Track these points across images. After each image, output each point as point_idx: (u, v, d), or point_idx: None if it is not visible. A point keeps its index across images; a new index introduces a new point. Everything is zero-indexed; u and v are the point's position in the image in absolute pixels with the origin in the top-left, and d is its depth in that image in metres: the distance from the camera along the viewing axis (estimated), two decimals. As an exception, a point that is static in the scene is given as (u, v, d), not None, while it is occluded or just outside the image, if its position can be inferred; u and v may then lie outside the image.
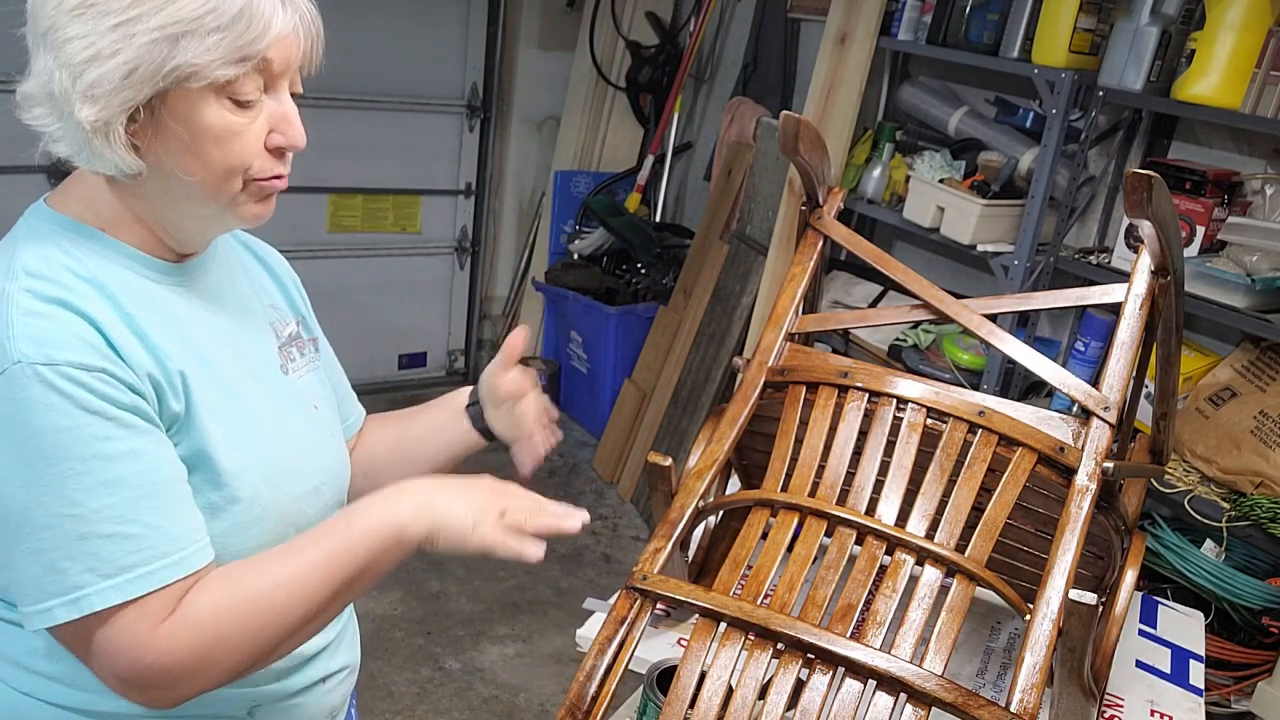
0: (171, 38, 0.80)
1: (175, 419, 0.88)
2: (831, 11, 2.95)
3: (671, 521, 1.08)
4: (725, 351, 3.34)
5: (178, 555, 0.84)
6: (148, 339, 0.87)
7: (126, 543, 0.82)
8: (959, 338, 2.67)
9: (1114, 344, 1.11)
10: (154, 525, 0.83)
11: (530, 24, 4.12)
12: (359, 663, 1.17)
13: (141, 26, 0.79)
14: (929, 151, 2.83)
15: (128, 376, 0.84)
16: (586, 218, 4.15)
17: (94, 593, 0.81)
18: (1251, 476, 2.09)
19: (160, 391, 0.86)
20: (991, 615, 1.47)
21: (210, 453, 0.89)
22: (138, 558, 0.82)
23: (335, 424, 1.11)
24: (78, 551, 0.80)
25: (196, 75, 0.81)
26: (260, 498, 0.93)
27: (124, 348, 0.84)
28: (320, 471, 1.03)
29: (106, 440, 0.81)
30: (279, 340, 1.06)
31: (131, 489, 0.82)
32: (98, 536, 0.81)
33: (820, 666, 0.93)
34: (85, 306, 0.83)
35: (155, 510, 0.84)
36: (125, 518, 0.82)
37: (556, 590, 3.12)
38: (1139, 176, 0.95)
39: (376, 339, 4.24)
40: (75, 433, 0.80)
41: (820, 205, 1.30)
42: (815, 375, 1.17)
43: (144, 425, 0.84)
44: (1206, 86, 2.16)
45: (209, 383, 0.92)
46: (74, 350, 0.81)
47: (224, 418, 0.92)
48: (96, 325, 0.83)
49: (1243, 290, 2.10)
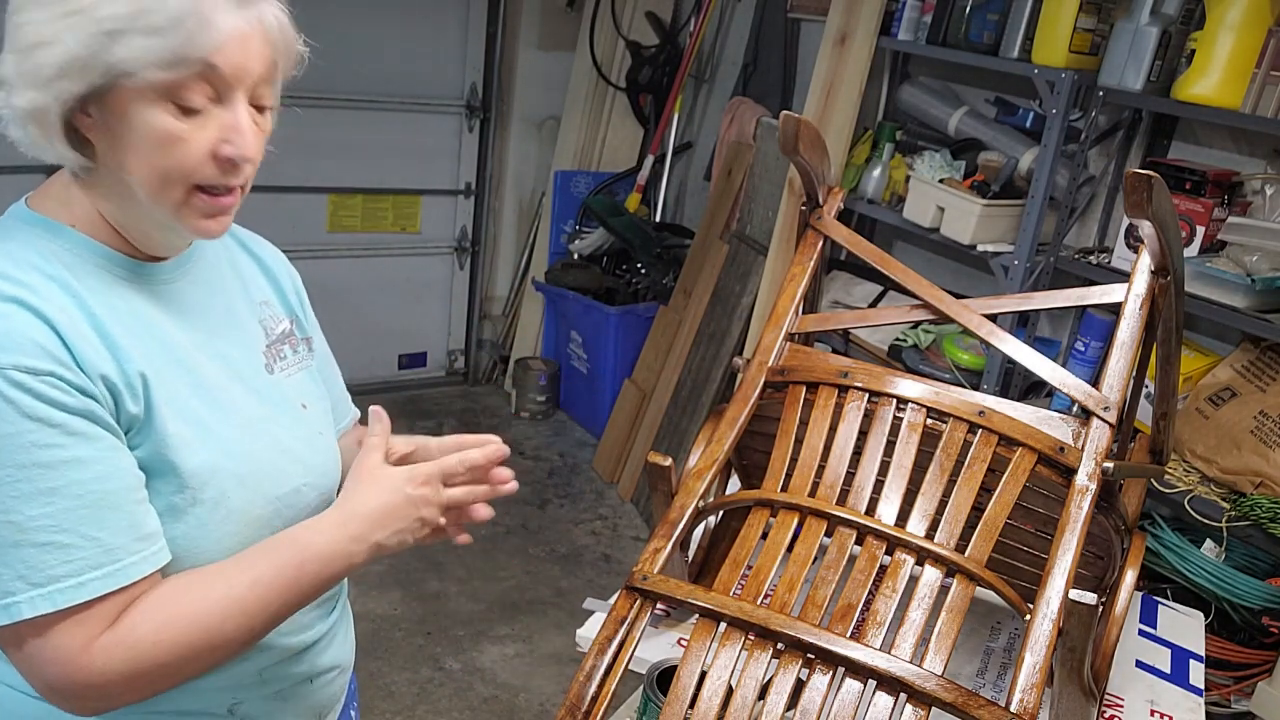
0: (109, 33, 0.80)
1: (134, 421, 0.87)
2: (831, 11, 2.95)
3: (671, 521, 1.08)
4: (725, 351, 3.34)
5: (113, 566, 0.83)
6: (109, 338, 0.86)
7: (59, 552, 0.81)
8: (959, 338, 2.67)
9: (1114, 344, 1.11)
10: (89, 536, 0.82)
11: (530, 24, 4.12)
12: (352, 662, 1.16)
13: (85, 19, 0.80)
14: (929, 151, 2.83)
15: (79, 380, 0.82)
16: (586, 218, 4.15)
17: (24, 600, 0.80)
18: (1251, 476, 2.09)
19: (116, 394, 0.85)
20: (991, 615, 1.47)
21: (171, 456, 0.88)
22: (69, 568, 0.81)
23: (325, 423, 1.10)
24: (10, 558, 0.80)
25: (132, 75, 0.81)
26: (228, 499, 0.92)
27: (80, 349, 0.83)
28: (304, 472, 1.02)
29: (48, 448, 0.80)
30: (268, 338, 1.05)
31: (69, 498, 0.81)
32: (31, 545, 0.80)
33: (820, 666, 0.93)
34: (42, 306, 0.82)
35: (92, 521, 0.82)
36: (60, 527, 0.81)
37: (556, 590, 3.12)
38: (1139, 176, 0.95)
39: (376, 339, 4.24)
40: (16, 439, 0.79)
41: (820, 205, 1.30)
42: (815, 375, 1.17)
43: (92, 431, 0.83)
44: (1206, 86, 2.16)
45: (179, 382, 0.91)
46: (23, 353, 0.80)
47: (193, 418, 0.91)
48: (52, 325, 0.82)
49: (1243, 290, 2.10)
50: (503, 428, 4.13)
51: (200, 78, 0.83)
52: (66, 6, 0.81)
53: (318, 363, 1.14)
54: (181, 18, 0.81)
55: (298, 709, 1.05)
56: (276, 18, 0.88)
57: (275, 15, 0.88)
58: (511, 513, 3.50)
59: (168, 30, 0.80)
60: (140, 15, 0.80)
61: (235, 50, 0.84)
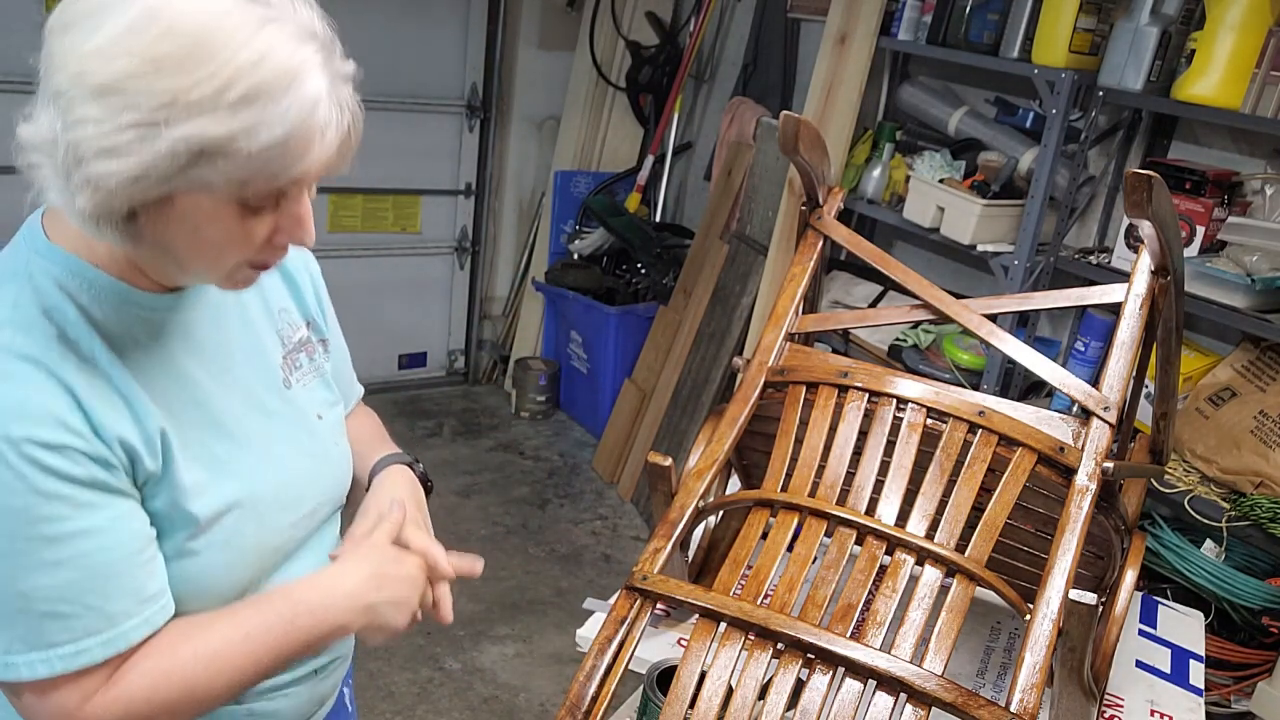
0: (194, 152, 0.73)
1: (151, 477, 0.86)
2: (831, 11, 2.95)
3: (671, 521, 1.08)
4: (725, 351, 3.34)
5: (112, 633, 0.83)
6: (129, 395, 0.84)
7: (60, 621, 0.81)
8: (959, 338, 2.67)
9: (1114, 344, 1.11)
10: (91, 605, 0.82)
11: (530, 24, 4.12)
12: (352, 650, 1.17)
13: (166, 133, 0.72)
14: (929, 151, 2.83)
15: (94, 449, 0.81)
16: (586, 218, 4.15)
17: (22, 663, 0.80)
18: (1251, 476, 2.09)
19: (134, 455, 0.84)
20: (991, 615, 1.47)
21: (186, 505, 0.88)
22: (69, 635, 0.81)
23: (339, 430, 1.10)
24: (11, 621, 0.80)
25: (210, 189, 0.75)
26: (242, 536, 0.93)
27: (98, 414, 0.81)
28: (317, 494, 1.03)
29: (56, 521, 0.79)
30: (285, 347, 1.03)
31: (73, 570, 0.81)
32: (33, 613, 0.80)
33: (820, 666, 0.93)
34: (61, 368, 0.80)
35: (95, 590, 0.82)
36: (62, 598, 0.81)
37: (556, 590, 3.12)
38: (1139, 176, 0.95)
39: (376, 339, 4.24)
40: (24, 514, 0.78)
41: (820, 205, 1.30)
42: (815, 375, 1.17)
43: (102, 500, 0.82)
44: (1206, 86, 2.16)
45: (197, 425, 0.90)
46: (37, 424, 0.78)
47: (210, 460, 0.90)
48: (70, 390, 0.80)
49: (1243, 290, 2.10)
50: (503, 428, 4.14)
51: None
52: (135, 115, 0.71)
53: (333, 360, 1.12)
54: (280, 142, 0.74)
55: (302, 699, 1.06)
56: (356, 117, 0.81)
57: (355, 115, 0.81)
58: (511, 513, 3.50)
59: (266, 152, 0.74)
60: (232, 138, 0.73)
61: (322, 164, 0.79)
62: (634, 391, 3.76)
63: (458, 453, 3.87)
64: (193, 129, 0.72)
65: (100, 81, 0.71)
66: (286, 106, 0.74)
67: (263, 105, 0.73)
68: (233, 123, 0.72)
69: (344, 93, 0.80)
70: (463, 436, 4.02)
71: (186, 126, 0.72)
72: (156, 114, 0.71)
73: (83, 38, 0.72)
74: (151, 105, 0.71)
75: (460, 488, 3.60)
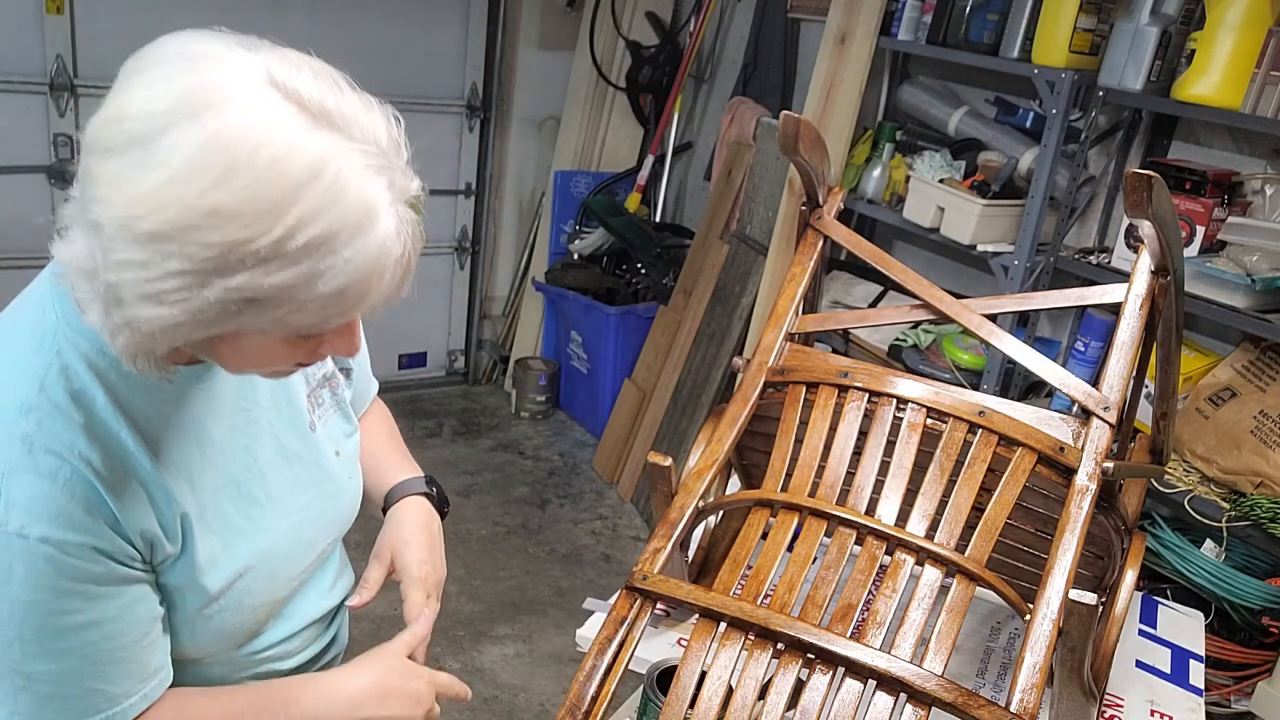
0: (246, 301, 0.67)
1: (168, 558, 0.86)
2: (831, 11, 2.95)
3: (671, 521, 1.08)
4: (725, 351, 3.34)
5: (112, 711, 0.84)
6: (154, 481, 0.82)
7: (61, 702, 0.81)
8: (959, 338, 2.67)
9: (1114, 344, 1.11)
10: (93, 689, 0.82)
11: (530, 24, 4.12)
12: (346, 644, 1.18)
13: (216, 282, 0.66)
14: (929, 151, 2.83)
15: (115, 546, 0.80)
16: (586, 218, 4.15)
17: None
18: (1251, 476, 2.09)
19: (155, 544, 0.84)
20: (991, 615, 1.47)
21: (201, 579, 0.88)
22: (69, 715, 0.82)
23: (354, 460, 1.08)
24: (15, 698, 0.80)
25: (262, 331, 0.72)
26: (252, 596, 0.93)
27: (123, 507, 0.79)
28: (327, 534, 1.03)
29: (65, 614, 0.79)
30: (310, 385, 1.02)
31: (78, 658, 0.81)
32: (35, 693, 0.80)
33: (820, 666, 0.93)
34: (87, 463, 0.77)
35: (99, 675, 0.82)
36: (66, 681, 0.81)
37: (556, 590, 3.12)
38: (1139, 176, 0.95)
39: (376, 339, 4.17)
40: (36, 607, 0.77)
41: (820, 205, 1.30)
42: (815, 375, 1.17)
43: (115, 592, 0.81)
44: (1206, 86, 2.16)
45: (218, 493, 0.89)
46: (57, 525, 0.76)
47: (227, 528, 0.90)
48: (95, 487, 0.78)
49: (1243, 290, 2.10)
50: (503, 428, 4.13)
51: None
52: (187, 264, 0.65)
53: (356, 378, 1.12)
54: (344, 288, 0.69)
55: None
56: (418, 238, 0.74)
57: (418, 237, 0.74)
58: (511, 513, 3.50)
59: (323, 299, 0.69)
60: (294, 288, 0.67)
61: (385, 302, 0.74)
62: (634, 391, 3.76)
63: (458, 453, 3.87)
64: (246, 280, 0.66)
65: (149, 229, 0.65)
66: (350, 254, 0.68)
67: (324, 254, 0.67)
68: (290, 274, 0.67)
69: (406, 219, 0.72)
70: (463, 436, 4.02)
71: (239, 278, 0.66)
72: (207, 265, 0.66)
73: (128, 173, 0.65)
74: (204, 257, 0.65)
75: (460, 488, 3.60)
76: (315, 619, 1.05)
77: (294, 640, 1.02)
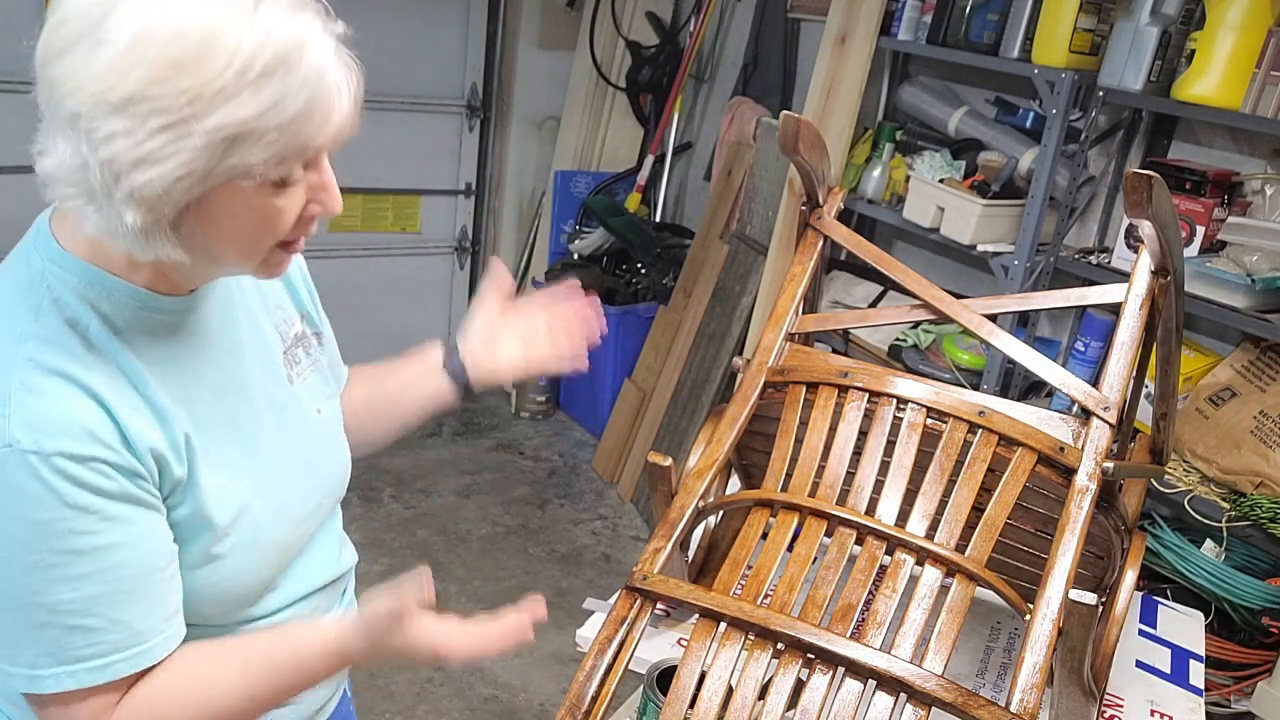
0: (228, 139, 0.74)
1: (177, 484, 0.86)
2: (831, 11, 2.95)
3: (671, 521, 1.08)
4: (725, 351, 3.34)
5: (138, 649, 0.84)
6: (155, 403, 0.84)
7: (87, 635, 0.81)
8: (959, 338, 2.67)
9: (1114, 344, 1.11)
10: (117, 620, 0.82)
11: (530, 24, 4.12)
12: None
13: (196, 128, 0.72)
14: (929, 151, 2.83)
15: (126, 462, 0.81)
16: (586, 218, 4.15)
17: (48, 676, 0.81)
18: (1251, 476, 2.09)
19: (163, 463, 0.84)
20: (991, 615, 1.47)
21: (208, 510, 0.88)
22: (96, 650, 0.82)
23: (336, 422, 1.10)
24: (38, 636, 0.80)
25: (249, 174, 0.76)
26: (260, 536, 0.93)
27: (129, 425, 0.81)
28: (321, 486, 1.03)
29: (85, 535, 0.79)
30: (284, 343, 1.04)
31: (101, 584, 0.81)
32: (59, 626, 0.80)
33: (820, 666, 0.93)
34: (91, 379, 0.80)
35: (122, 605, 0.82)
36: (90, 612, 0.81)
37: (556, 590, 3.12)
38: (1139, 176, 0.95)
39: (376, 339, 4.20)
40: (53, 525, 0.78)
41: (820, 205, 1.30)
42: (815, 375, 1.17)
43: (131, 514, 0.82)
44: (1206, 86, 2.16)
45: (215, 428, 0.90)
46: (69, 438, 0.78)
47: (227, 463, 0.91)
48: (101, 402, 0.80)
49: (1243, 290, 2.10)
50: (503, 428, 4.13)
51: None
52: (163, 119, 0.72)
53: (327, 352, 1.13)
54: (303, 113, 0.76)
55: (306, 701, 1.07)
56: (359, 81, 0.84)
57: (357, 74, 0.83)
58: (511, 513, 3.50)
59: (290, 124, 0.76)
60: (260, 116, 0.74)
61: (343, 128, 0.82)
62: (634, 391, 3.76)
63: (458, 453, 3.87)
64: (222, 117, 0.73)
65: (122, 95, 0.71)
66: (304, 73, 0.75)
67: (282, 77, 0.74)
68: (259, 101, 0.73)
69: (344, 52, 0.82)
70: (463, 436, 4.02)
71: (216, 116, 0.72)
72: (184, 111, 0.72)
73: (85, 59, 0.72)
74: (178, 105, 0.72)
75: (460, 488, 3.60)
76: (319, 586, 1.05)
77: (297, 607, 1.02)
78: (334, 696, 1.14)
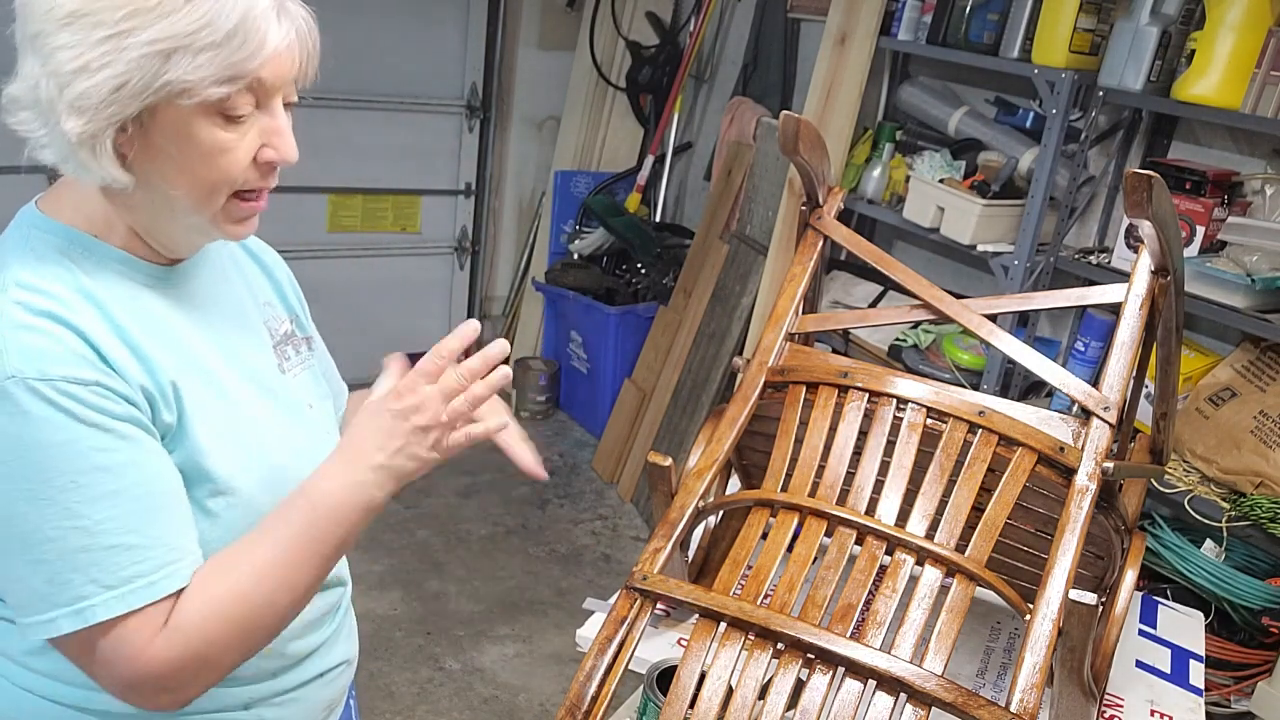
0: (163, 53, 0.79)
1: (168, 429, 0.88)
2: (831, 11, 2.95)
3: (671, 521, 1.08)
4: (725, 351, 3.34)
5: (178, 564, 0.85)
6: (139, 350, 0.87)
7: (129, 553, 0.82)
8: (959, 338, 2.67)
9: (1114, 344, 1.11)
10: (155, 536, 0.84)
11: (530, 24, 4.12)
12: (357, 655, 1.17)
13: (133, 40, 0.78)
14: (929, 151, 2.83)
15: (122, 388, 0.83)
16: (586, 218, 4.15)
17: (99, 603, 0.81)
18: (1251, 476, 2.09)
19: (153, 403, 0.86)
20: (991, 615, 1.47)
21: (203, 462, 0.90)
22: (141, 568, 0.83)
23: (330, 422, 1.11)
24: (81, 563, 0.81)
25: (188, 93, 0.80)
26: (256, 502, 0.93)
27: (116, 360, 0.84)
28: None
29: (105, 451, 0.81)
30: (274, 339, 1.06)
31: (132, 500, 0.82)
32: (100, 548, 0.81)
33: (820, 666, 0.93)
34: (76, 319, 0.83)
35: (156, 520, 0.84)
36: (127, 528, 0.82)
37: (556, 590, 3.12)
38: (1139, 176, 0.95)
39: (376, 339, 4.20)
40: (74, 445, 0.80)
41: (820, 205, 1.30)
42: (815, 375, 1.17)
43: (141, 435, 0.84)
44: (1206, 86, 2.16)
45: (204, 389, 0.92)
46: (67, 364, 0.81)
47: (218, 424, 0.92)
48: (88, 339, 0.83)
49: (1243, 290, 2.10)
50: (503, 428, 4.13)
51: (247, 89, 0.84)
52: (104, 31, 0.78)
53: (319, 360, 1.14)
54: (235, 33, 0.80)
55: (310, 704, 1.07)
56: (307, 23, 0.88)
57: (306, 21, 0.88)
58: (511, 513, 3.50)
59: (224, 44, 0.80)
60: (194, 33, 0.79)
61: (281, 60, 0.85)
62: (634, 391, 3.76)
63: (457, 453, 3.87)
64: (158, 31, 0.78)
65: (68, 10, 0.78)
66: None
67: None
68: (192, 16, 0.79)
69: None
70: (463, 436, 4.01)
71: (152, 30, 0.78)
72: (122, 24, 0.78)
73: None
74: (116, 18, 0.78)
75: (460, 488, 3.60)
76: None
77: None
78: (340, 702, 1.14)
